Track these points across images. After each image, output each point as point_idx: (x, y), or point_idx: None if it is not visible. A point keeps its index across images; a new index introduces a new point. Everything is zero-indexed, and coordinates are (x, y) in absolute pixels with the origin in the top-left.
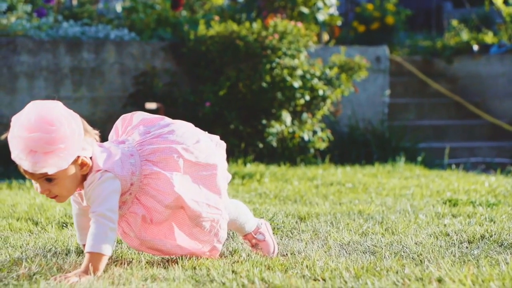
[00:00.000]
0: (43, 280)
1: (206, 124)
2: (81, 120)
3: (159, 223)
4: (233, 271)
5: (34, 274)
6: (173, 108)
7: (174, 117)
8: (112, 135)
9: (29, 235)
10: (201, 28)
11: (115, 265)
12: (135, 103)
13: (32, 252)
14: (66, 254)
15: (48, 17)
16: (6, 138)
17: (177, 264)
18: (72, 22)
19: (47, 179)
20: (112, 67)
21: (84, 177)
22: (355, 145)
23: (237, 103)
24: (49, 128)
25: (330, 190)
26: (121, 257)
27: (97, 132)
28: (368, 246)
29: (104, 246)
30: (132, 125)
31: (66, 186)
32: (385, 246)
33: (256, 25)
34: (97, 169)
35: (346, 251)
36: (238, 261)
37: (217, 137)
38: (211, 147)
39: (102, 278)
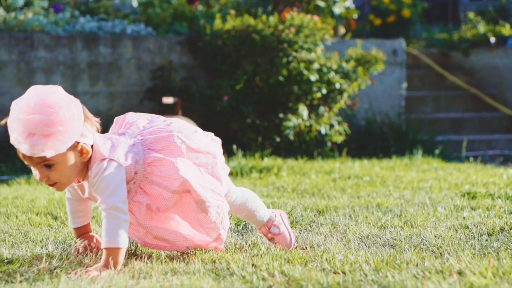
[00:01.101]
0: (64, 274)
1: (223, 118)
2: (81, 106)
3: (165, 211)
4: (253, 265)
5: (55, 269)
6: (190, 103)
7: (191, 111)
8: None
9: (49, 229)
10: (217, 22)
11: (135, 259)
12: (152, 98)
13: (52, 246)
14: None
15: (65, 12)
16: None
17: (197, 258)
18: (89, 17)
19: (46, 165)
20: (129, 62)
21: (85, 165)
22: (372, 138)
23: (254, 97)
24: (48, 111)
25: (347, 183)
26: (141, 251)
27: (98, 120)
28: (388, 239)
29: (120, 240)
30: (126, 121)
31: (65, 172)
32: (404, 239)
33: (273, 19)
34: (101, 158)
35: (365, 244)
36: (257, 255)
37: (212, 134)
38: (208, 139)
39: (122, 272)
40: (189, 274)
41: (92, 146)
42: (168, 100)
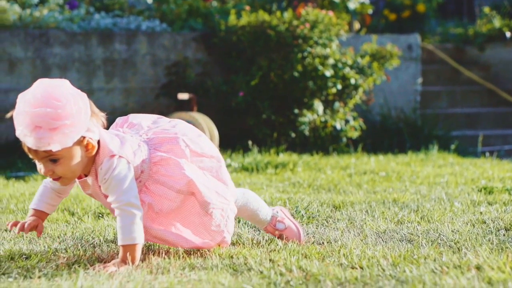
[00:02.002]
0: (82, 270)
1: (238, 114)
2: (88, 100)
3: (168, 213)
4: (270, 260)
5: (73, 264)
6: (205, 99)
7: (206, 107)
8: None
9: (66, 225)
10: (232, 18)
11: (153, 255)
12: (168, 94)
13: (70, 242)
14: (104, 244)
15: (80, 9)
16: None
17: (214, 253)
18: (104, 14)
19: (51, 159)
20: (144, 58)
21: (90, 160)
22: (387, 134)
23: (269, 93)
24: (55, 104)
25: (363, 179)
26: (158, 246)
27: (103, 115)
28: (405, 234)
29: (136, 236)
30: (129, 122)
31: (71, 167)
32: (421, 234)
33: (287, 15)
34: (110, 154)
35: (382, 239)
36: (274, 250)
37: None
38: (211, 143)
39: (140, 268)
40: (206, 270)
41: (98, 142)
42: (183, 96)
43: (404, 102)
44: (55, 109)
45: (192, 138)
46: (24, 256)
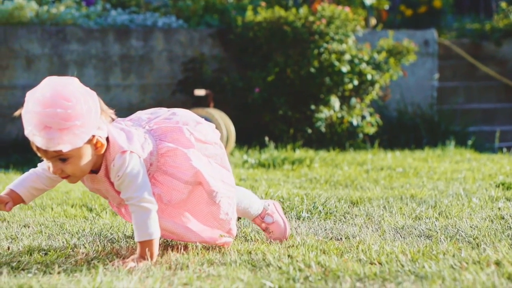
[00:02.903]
0: (101, 266)
1: (255, 110)
2: (97, 98)
3: (177, 206)
4: (288, 256)
5: (92, 260)
6: (221, 95)
7: (223, 103)
8: None
9: (84, 221)
10: (249, 14)
11: (171, 251)
12: (184, 90)
13: (88, 238)
14: (122, 240)
15: (96, 5)
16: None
17: (232, 249)
18: (120, 10)
19: (61, 158)
20: (160, 54)
21: (100, 157)
22: (404, 130)
23: (285, 89)
24: (66, 104)
25: (380, 174)
26: (176, 242)
27: (112, 111)
28: (423, 230)
29: (152, 231)
30: (128, 118)
31: (80, 166)
32: (440, 229)
33: (303, 11)
34: (121, 150)
35: (400, 235)
36: (293, 246)
37: (213, 125)
38: (212, 130)
39: (159, 263)
40: (225, 265)
41: (107, 138)
42: (200, 92)
43: (421, 97)
44: (65, 109)
45: (194, 126)
46: (43, 252)
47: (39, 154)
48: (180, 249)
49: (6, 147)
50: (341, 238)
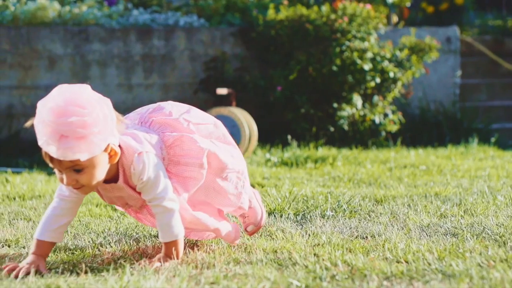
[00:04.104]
0: (128, 265)
1: (277, 108)
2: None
3: (194, 193)
4: (314, 254)
5: (118, 259)
6: (243, 93)
7: (245, 102)
8: None
9: (109, 220)
10: (270, 13)
11: (197, 250)
12: (206, 89)
13: (114, 237)
14: (148, 239)
15: (118, 5)
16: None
17: (258, 247)
18: (142, 10)
19: (76, 169)
20: (182, 53)
21: (114, 165)
22: (426, 127)
23: (307, 87)
24: (81, 111)
25: (404, 172)
26: (202, 242)
27: (123, 119)
28: (448, 228)
29: (177, 231)
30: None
31: (95, 175)
32: (465, 227)
33: (325, 8)
34: (137, 152)
35: (426, 233)
36: (318, 244)
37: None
38: (204, 113)
39: (185, 263)
40: (251, 264)
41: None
42: (222, 91)
43: (443, 95)
44: (81, 116)
45: (188, 113)
46: (69, 251)
47: (51, 166)
48: (206, 248)
49: (30, 147)
50: (366, 237)
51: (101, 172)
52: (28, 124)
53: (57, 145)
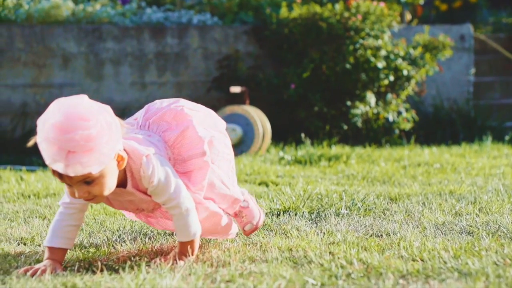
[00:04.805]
0: (144, 263)
1: (290, 106)
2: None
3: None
4: (330, 252)
5: (133, 257)
6: (257, 91)
7: (258, 100)
8: None
9: (124, 218)
10: (283, 11)
11: (212, 249)
12: (219, 87)
13: (129, 235)
14: (162, 237)
15: (132, 3)
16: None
17: (273, 245)
18: (155, 8)
19: (86, 181)
20: (195, 51)
21: (122, 170)
22: (440, 125)
23: (320, 85)
24: (85, 124)
25: (418, 170)
26: (216, 240)
27: (123, 122)
28: (464, 226)
29: (195, 230)
30: None
31: (107, 184)
32: (481, 226)
33: (339, 6)
34: (144, 154)
35: (441, 232)
36: (333, 243)
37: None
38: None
39: (201, 261)
40: (267, 262)
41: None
42: (235, 89)
43: (457, 93)
44: (86, 130)
45: (178, 102)
46: (85, 249)
47: (62, 181)
48: (221, 246)
49: None
50: (381, 235)
51: (112, 180)
52: (30, 143)
53: (65, 162)
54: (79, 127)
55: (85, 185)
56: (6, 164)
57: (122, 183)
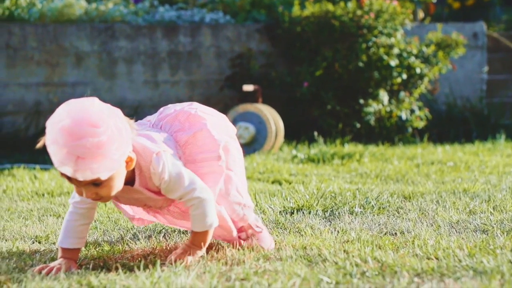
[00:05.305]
0: (159, 261)
1: (303, 105)
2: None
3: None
4: (344, 251)
5: (148, 255)
6: (269, 90)
7: (271, 98)
8: None
9: None
10: (296, 9)
11: (226, 247)
12: (232, 86)
13: (143, 233)
14: (177, 235)
15: (144, 2)
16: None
17: (287, 244)
18: (168, 7)
19: (95, 183)
20: (208, 50)
21: (131, 171)
22: (453, 123)
23: (333, 83)
24: (96, 131)
25: (431, 169)
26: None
27: (132, 122)
28: (478, 225)
29: (212, 221)
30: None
31: (115, 185)
32: (495, 224)
33: (351, 4)
34: (155, 152)
35: (456, 230)
36: (348, 241)
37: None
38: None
39: (215, 259)
40: (281, 261)
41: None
42: (248, 87)
43: (470, 91)
44: (96, 137)
45: (191, 105)
46: (99, 247)
47: (70, 182)
48: (235, 244)
49: None
50: (395, 233)
51: (120, 182)
52: (39, 144)
53: (74, 166)
54: (89, 134)
55: (93, 187)
56: (20, 163)
57: (129, 181)
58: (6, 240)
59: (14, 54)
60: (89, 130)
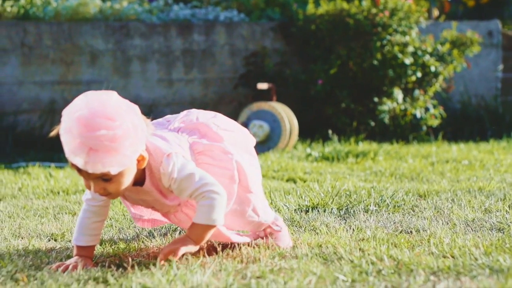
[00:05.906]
0: (174, 258)
1: (317, 103)
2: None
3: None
4: (360, 249)
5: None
6: (284, 88)
7: (285, 96)
8: None
9: None
10: (310, 7)
11: (242, 245)
12: (246, 84)
13: (159, 231)
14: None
15: (159, 0)
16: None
17: (302, 242)
18: (182, 5)
19: (104, 178)
20: (222, 48)
21: (140, 169)
22: (468, 122)
23: (348, 82)
24: (111, 124)
25: (446, 167)
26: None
27: (149, 121)
28: (494, 223)
29: (216, 218)
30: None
31: (124, 183)
32: (511, 222)
33: (366, 3)
34: (166, 153)
35: (471, 228)
36: (363, 239)
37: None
38: (227, 118)
39: (231, 257)
40: (297, 259)
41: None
42: (262, 85)
43: (485, 89)
44: (111, 130)
45: (214, 118)
46: (115, 245)
47: (79, 174)
48: (251, 242)
49: None
50: (411, 231)
51: (129, 179)
52: (53, 133)
53: (85, 158)
54: (104, 126)
55: (102, 182)
56: (35, 161)
57: (139, 181)
58: (22, 238)
59: (29, 53)
60: (105, 123)
